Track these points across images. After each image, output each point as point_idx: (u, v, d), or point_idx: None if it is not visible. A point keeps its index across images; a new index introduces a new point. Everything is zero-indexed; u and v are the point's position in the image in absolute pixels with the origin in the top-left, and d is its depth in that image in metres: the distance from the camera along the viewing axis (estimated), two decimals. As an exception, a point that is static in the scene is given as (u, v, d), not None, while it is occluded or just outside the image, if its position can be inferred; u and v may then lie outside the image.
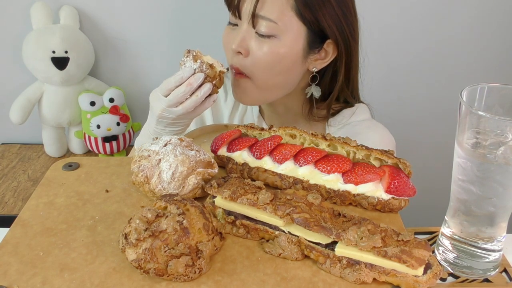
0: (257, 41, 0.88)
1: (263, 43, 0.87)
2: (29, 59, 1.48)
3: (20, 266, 0.56)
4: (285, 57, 0.88)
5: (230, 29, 0.92)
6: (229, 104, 1.09)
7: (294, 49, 0.88)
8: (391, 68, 1.65)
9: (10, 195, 1.44)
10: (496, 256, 0.63)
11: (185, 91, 0.81)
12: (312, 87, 0.97)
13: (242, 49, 0.88)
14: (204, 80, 0.82)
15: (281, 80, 0.92)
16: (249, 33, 0.88)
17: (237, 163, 0.73)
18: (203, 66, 0.82)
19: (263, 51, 0.87)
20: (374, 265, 0.55)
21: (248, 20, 0.87)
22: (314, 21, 0.87)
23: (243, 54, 0.89)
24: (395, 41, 1.61)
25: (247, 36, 0.88)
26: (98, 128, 1.53)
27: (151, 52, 1.61)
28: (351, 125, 1.00)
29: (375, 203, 0.66)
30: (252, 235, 0.62)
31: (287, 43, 0.87)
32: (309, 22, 0.87)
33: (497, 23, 1.59)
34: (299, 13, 0.86)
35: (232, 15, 0.90)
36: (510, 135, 0.56)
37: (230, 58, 0.92)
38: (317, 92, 0.97)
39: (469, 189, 0.60)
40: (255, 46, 0.88)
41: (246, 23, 0.88)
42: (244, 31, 0.88)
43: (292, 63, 0.90)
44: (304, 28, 0.87)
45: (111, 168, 0.76)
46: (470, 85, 0.60)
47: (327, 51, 0.92)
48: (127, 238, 0.54)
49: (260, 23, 0.86)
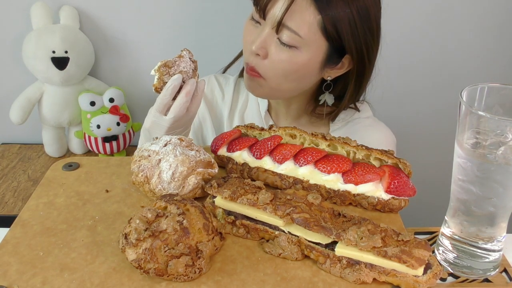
0: (277, 47, 0.87)
1: (283, 51, 0.87)
2: (29, 59, 1.48)
3: (20, 266, 0.56)
4: (303, 68, 0.88)
5: (252, 25, 0.91)
6: (227, 102, 1.09)
7: (313, 61, 0.88)
8: (391, 68, 1.64)
9: (10, 195, 1.44)
10: (496, 256, 0.63)
11: (187, 100, 0.78)
12: (326, 95, 0.98)
13: (261, 52, 0.88)
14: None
15: (294, 86, 0.93)
16: (271, 37, 0.87)
17: (237, 163, 0.73)
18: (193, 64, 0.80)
19: (282, 58, 0.87)
20: (374, 265, 0.55)
21: (272, 26, 0.86)
22: (337, 39, 0.86)
23: (261, 56, 0.89)
24: (395, 41, 1.61)
25: (268, 40, 0.87)
26: (98, 128, 1.53)
27: (151, 52, 1.61)
28: (355, 122, 1.01)
29: (375, 203, 0.66)
30: (252, 235, 0.62)
31: (307, 56, 0.87)
32: (332, 39, 0.86)
33: (497, 23, 1.59)
34: (324, 31, 0.85)
35: (257, 13, 0.88)
36: (510, 135, 0.56)
37: (247, 56, 0.91)
38: (330, 100, 0.98)
39: (469, 189, 0.60)
40: (274, 52, 0.87)
41: (269, 27, 0.87)
42: (266, 34, 0.87)
43: (308, 73, 0.91)
44: (326, 43, 0.87)
45: (111, 168, 0.76)
46: (470, 85, 0.60)
47: (344, 63, 0.93)
48: (127, 238, 0.55)
49: (284, 32, 0.85)
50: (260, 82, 0.92)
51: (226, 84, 1.11)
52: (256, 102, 1.08)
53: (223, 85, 1.11)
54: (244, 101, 1.09)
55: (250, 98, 1.09)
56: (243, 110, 1.08)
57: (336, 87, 0.97)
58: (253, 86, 0.94)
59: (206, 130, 1.10)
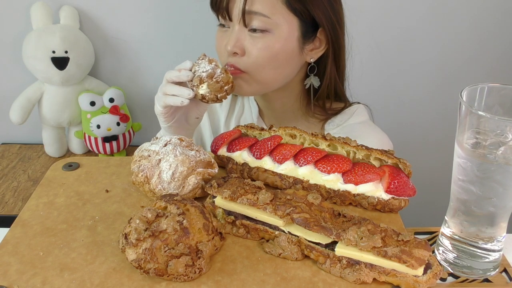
0: (251, 40, 0.88)
1: (257, 40, 0.87)
2: (29, 59, 1.48)
3: (20, 266, 0.56)
4: (282, 51, 0.89)
5: (221, 31, 0.92)
6: (224, 108, 1.09)
7: (289, 42, 0.89)
8: (391, 68, 1.65)
9: (10, 195, 1.44)
10: (496, 256, 0.63)
11: (174, 74, 0.84)
12: (311, 77, 0.97)
13: (238, 49, 0.88)
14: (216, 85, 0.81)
15: (279, 74, 0.92)
16: (242, 33, 0.88)
17: (237, 163, 0.73)
18: (217, 70, 0.82)
19: (258, 47, 0.87)
20: (374, 265, 0.55)
21: (239, 20, 0.87)
22: (305, 11, 0.88)
23: (239, 53, 0.89)
24: (395, 41, 1.61)
25: (241, 37, 0.88)
26: (98, 128, 1.53)
27: (151, 52, 1.61)
28: (349, 127, 1.00)
29: (375, 203, 0.66)
30: (252, 235, 0.62)
31: (282, 37, 0.88)
32: (300, 13, 0.87)
33: (497, 23, 1.59)
34: (290, 5, 0.86)
35: (222, 18, 0.90)
36: (510, 135, 0.56)
37: (225, 59, 0.91)
38: (316, 82, 0.98)
39: (469, 189, 0.60)
40: (250, 45, 0.88)
41: (237, 24, 0.88)
42: (237, 31, 0.88)
43: (289, 56, 0.91)
44: (296, 19, 0.88)
45: (111, 168, 0.76)
46: (470, 85, 0.60)
47: (321, 40, 0.93)
48: (127, 238, 0.55)
49: (252, 19, 0.86)
50: (245, 78, 0.91)
51: None
52: (249, 108, 1.08)
53: None
54: (240, 107, 1.09)
55: (245, 104, 1.09)
56: (239, 116, 1.08)
57: (319, 71, 0.97)
58: (238, 85, 0.92)
59: (205, 134, 1.10)
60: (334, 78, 0.98)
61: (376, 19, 1.54)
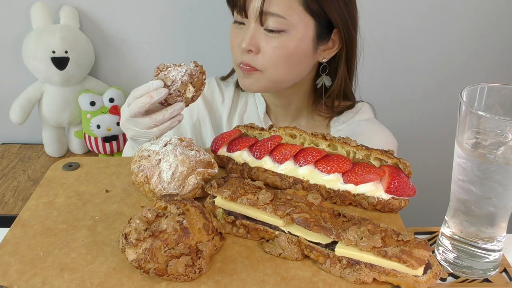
0: (266, 38, 0.88)
1: (273, 39, 0.88)
2: (29, 59, 1.48)
3: (20, 266, 0.56)
4: (296, 51, 0.89)
5: (237, 28, 0.92)
6: (226, 106, 1.09)
7: (304, 42, 0.89)
8: (391, 68, 1.65)
9: (10, 195, 1.44)
10: (496, 256, 0.63)
11: (145, 102, 0.74)
12: (323, 77, 0.98)
13: (253, 47, 0.89)
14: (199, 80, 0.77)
15: (292, 73, 0.93)
16: (258, 31, 0.88)
17: (237, 163, 0.73)
18: (190, 67, 0.76)
19: (274, 45, 0.88)
20: (374, 265, 0.55)
21: (255, 18, 0.87)
22: (321, 12, 0.88)
23: (254, 51, 0.89)
24: (395, 41, 1.61)
25: (256, 34, 0.88)
26: (98, 128, 1.53)
27: (151, 52, 1.61)
28: (355, 124, 1.01)
29: (375, 203, 0.66)
30: (252, 235, 0.62)
31: (297, 37, 0.88)
32: (316, 14, 0.88)
33: (497, 23, 1.59)
34: (306, 6, 0.87)
35: (237, 14, 0.90)
36: (510, 135, 0.56)
37: (239, 56, 0.92)
38: (328, 81, 0.98)
39: (469, 189, 0.60)
40: (265, 43, 0.88)
41: (253, 22, 0.88)
42: (253, 29, 0.88)
43: (303, 56, 0.91)
44: (312, 20, 0.88)
45: (111, 168, 0.76)
46: (470, 85, 0.60)
47: (334, 40, 0.94)
48: (127, 238, 0.54)
49: (268, 19, 0.87)
50: (257, 76, 0.92)
51: (226, 87, 1.11)
52: (254, 104, 1.08)
53: (223, 88, 1.11)
54: (243, 104, 1.09)
55: (249, 101, 1.09)
56: (242, 113, 1.08)
57: (330, 70, 0.98)
58: (250, 83, 0.93)
59: (205, 132, 1.10)
60: (345, 78, 0.99)
61: (376, 19, 1.54)
